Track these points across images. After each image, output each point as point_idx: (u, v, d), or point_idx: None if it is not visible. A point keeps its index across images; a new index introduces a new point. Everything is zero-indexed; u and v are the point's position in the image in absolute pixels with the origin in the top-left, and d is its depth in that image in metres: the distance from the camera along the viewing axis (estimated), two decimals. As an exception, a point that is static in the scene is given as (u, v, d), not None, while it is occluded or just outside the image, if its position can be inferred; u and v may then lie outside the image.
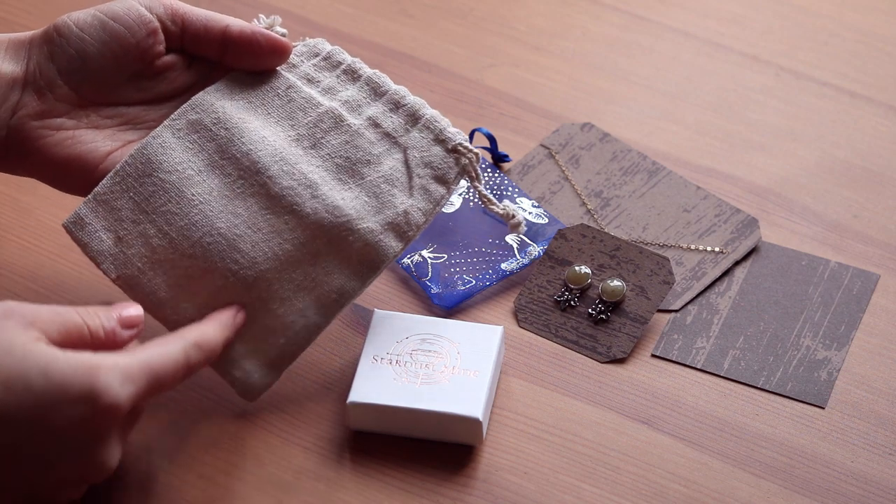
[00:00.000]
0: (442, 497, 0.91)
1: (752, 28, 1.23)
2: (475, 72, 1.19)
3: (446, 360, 0.94)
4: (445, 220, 1.05)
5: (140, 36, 0.94)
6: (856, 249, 1.06)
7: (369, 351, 0.94)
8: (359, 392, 0.92)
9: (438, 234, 1.05)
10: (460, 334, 0.95)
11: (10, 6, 1.22)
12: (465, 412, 0.91)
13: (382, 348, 0.94)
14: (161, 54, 0.96)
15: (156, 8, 0.95)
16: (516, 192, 1.08)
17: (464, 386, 0.92)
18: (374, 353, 0.94)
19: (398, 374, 0.93)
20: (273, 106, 0.97)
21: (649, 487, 0.92)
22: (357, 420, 0.93)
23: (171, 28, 0.95)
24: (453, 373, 0.93)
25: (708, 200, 1.09)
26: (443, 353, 0.94)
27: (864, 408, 0.97)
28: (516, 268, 1.03)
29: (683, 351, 1.00)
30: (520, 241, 1.04)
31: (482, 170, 1.09)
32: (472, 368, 0.93)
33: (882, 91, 1.18)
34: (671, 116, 1.16)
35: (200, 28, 0.95)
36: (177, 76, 0.97)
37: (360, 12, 1.23)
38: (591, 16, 1.24)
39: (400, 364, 0.94)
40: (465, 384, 0.92)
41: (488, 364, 0.94)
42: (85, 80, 0.94)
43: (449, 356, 0.94)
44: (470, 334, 0.95)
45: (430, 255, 1.04)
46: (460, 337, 0.95)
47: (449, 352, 0.94)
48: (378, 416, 0.92)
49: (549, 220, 1.06)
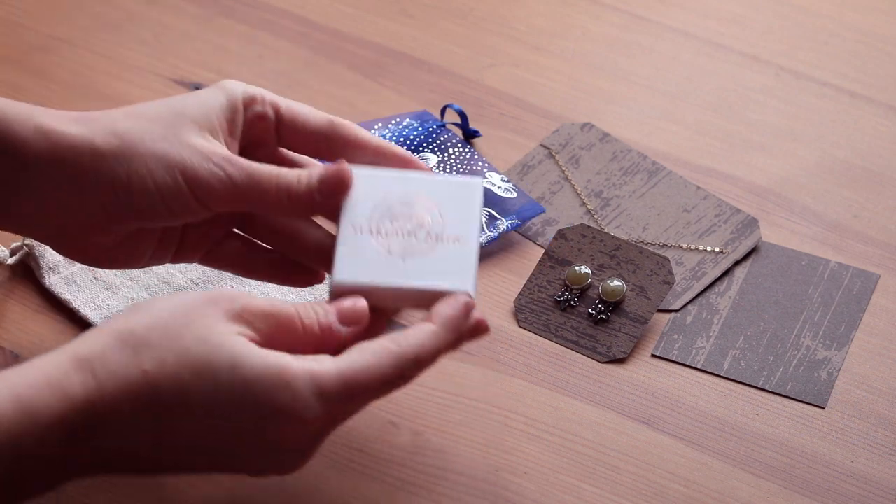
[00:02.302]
0: (442, 497, 0.91)
1: (752, 28, 1.23)
2: (475, 72, 1.19)
3: (428, 225, 0.87)
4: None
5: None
6: (856, 249, 1.06)
7: (347, 218, 0.87)
8: (343, 270, 0.85)
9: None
10: (439, 192, 0.89)
11: (10, 6, 1.22)
12: (456, 287, 0.85)
13: (361, 215, 0.87)
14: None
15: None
16: (486, 166, 1.09)
17: (451, 256, 0.86)
18: (352, 221, 0.87)
19: (381, 246, 0.86)
20: None
21: (649, 487, 0.92)
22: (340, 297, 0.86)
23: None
24: (437, 241, 0.87)
25: (708, 200, 1.09)
26: (424, 216, 0.88)
27: (864, 408, 0.97)
28: (485, 241, 1.04)
29: (683, 351, 1.00)
30: (488, 215, 1.05)
31: (453, 145, 1.10)
32: (455, 234, 0.87)
33: (882, 91, 1.18)
34: (671, 116, 1.16)
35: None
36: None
37: (360, 12, 1.23)
38: (591, 16, 1.24)
39: (381, 233, 0.87)
40: (451, 254, 0.86)
41: (473, 229, 0.87)
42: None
43: (431, 220, 0.88)
44: (449, 192, 0.89)
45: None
46: (439, 196, 0.88)
47: (431, 214, 0.88)
48: (365, 294, 0.85)
49: (519, 194, 1.07)
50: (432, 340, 0.81)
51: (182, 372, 0.76)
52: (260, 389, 0.77)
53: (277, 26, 1.22)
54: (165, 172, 0.85)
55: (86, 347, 0.77)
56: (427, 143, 1.11)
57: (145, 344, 0.77)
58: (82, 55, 1.18)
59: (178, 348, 0.77)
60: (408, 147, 1.10)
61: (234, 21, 1.22)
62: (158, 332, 0.77)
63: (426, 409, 0.96)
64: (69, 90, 1.15)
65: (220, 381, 0.76)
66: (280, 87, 1.16)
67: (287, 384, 0.77)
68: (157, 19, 1.21)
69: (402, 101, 1.16)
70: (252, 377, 0.77)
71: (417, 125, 1.11)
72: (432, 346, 0.81)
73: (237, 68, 1.18)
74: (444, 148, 1.10)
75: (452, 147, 1.10)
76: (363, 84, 1.18)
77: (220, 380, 0.76)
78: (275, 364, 0.77)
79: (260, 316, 0.80)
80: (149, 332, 0.77)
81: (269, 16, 1.22)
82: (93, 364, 0.76)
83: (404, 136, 1.11)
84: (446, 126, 1.12)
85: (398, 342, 0.80)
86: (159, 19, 1.21)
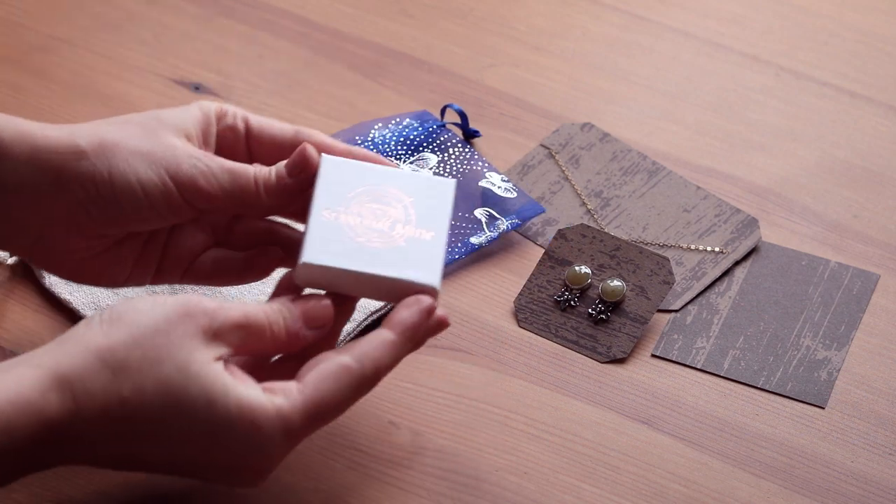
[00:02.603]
0: (442, 497, 0.91)
1: (752, 28, 1.23)
2: (475, 72, 1.19)
3: (399, 217, 0.89)
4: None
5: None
6: (856, 249, 1.06)
7: (319, 203, 0.88)
8: (312, 252, 0.86)
9: (408, 208, 1.06)
10: (413, 187, 0.90)
11: (10, 6, 1.22)
12: (423, 280, 0.86)
13: (333, 201, 0.88)
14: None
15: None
16: (486, 166, 1.09)
17: (419, 249, 0.87)
18: (325, 207, 0.88)
19: (351, 232, 0.87)
20: None
21: (649, 487, 0.92)
22: (306, 279, 0.87)
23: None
24: (407, 233, 0.88)
25: (708, 200, 1.09)
26: (396, 208, 0.89)
27: (864, 408, 0.97)
28: (485, 241, 1.04)
29: (683, 351, 1.00)
30: (488, 215, 1.05)
31: (453, 145, 1.10)
32: (425, 228, 0.88)
33: (882, 91, 1.18)
34: (671, 116, 1.16)
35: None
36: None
37: (360, 12, 1.23)
38: (591, 16, 1.24)
39: (352, 221, 0.88)
40: (420, 247, 0.87)
41: (443, 224, 0.89)
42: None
43: (403, 212, 0.89)
44: (423, 188, 0.90)
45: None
46: (413, 190, 0.90)
47: (403, 206, 0.89)
48: (330, 277, 0.86)
49: (519, 194, 1.07)
50: (391, 352, 0.84)
51: (159, 402, 0.79)
52: (233, 427, 0.80)
53: (277, 26, 1.22)
54: (149, 169, 0.87)
55: (66, 364, 0.79)
56: (427, 143, 1.11)
57: (125, 367, 0.79)
58: (82, 55, 1.18)
59: (158, 375, 0.79)
60: (408, 147, 1.10)
61: (234, 21, 1.22)
62: (138, 356, 0.80)
63: (426, 409, 0.96)
64: (69, 90, 1.15)
65: (195, 416, 0.79)
66: (280, 87, 1.16)
67: (259, 428, 0.80)
68: (157, 19, 1.21)
69: (402, 101, 1.16)
70: (226, 419, 0.80)
71: (417, 125, 1.11)
72: (391, 357, 0.84)
73: (237, 68, 1.18)
74: (444, 148, 1.10)
75: (452, 147, 1.10)
76: (363, 84, 1.18)
77: (196, 416, 0.79)
78: (248, 408, 0.80)
79: (233, 329, 0.82)
80: (129, 354, 0.79)
81: (269, 16, 1.22)
82: (73, 384, 0.79)
83: (404, 137, 1.11)
84: (446, 126, 1.12)
85: (359, 359, 0.83)
86: (159, 19, 1.21)
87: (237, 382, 0.80)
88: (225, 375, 0.80)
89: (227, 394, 0.80)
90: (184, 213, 0.88)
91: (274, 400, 0.81)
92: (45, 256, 0.90)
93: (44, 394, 0.78)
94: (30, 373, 0.78)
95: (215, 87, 1.17)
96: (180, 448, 0.80)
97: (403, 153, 1.10)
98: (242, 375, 0.82)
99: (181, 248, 0.92)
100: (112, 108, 1.14)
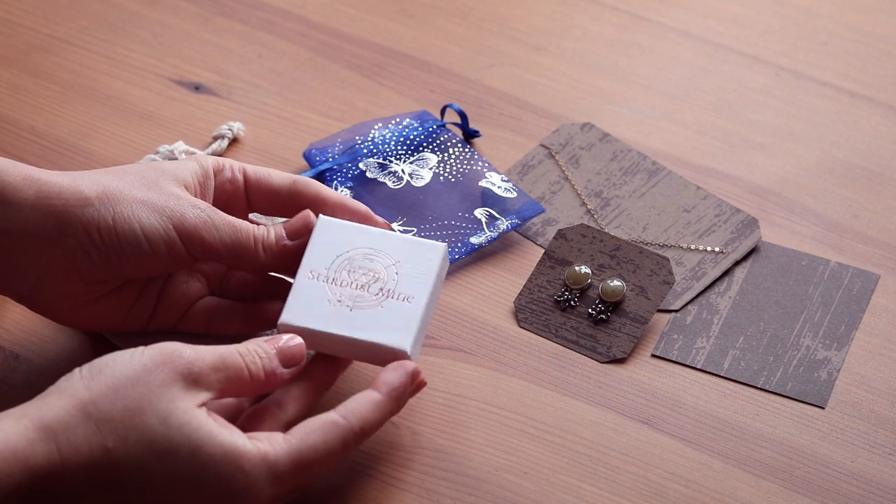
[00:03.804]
0: (442, 496, 0.91)
1: (752, 28, 1.23)
2: (475, 72, 1.19)
3: (383, 280, 0.92)
4: (416, 194, 1.07)
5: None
6: (856, 249, 1.06)
7: (308, 263, 0.92)
8: (291, 313, 0.90)
9: (408, 208, 1.06)
10: (402, 251, 0.93)
11: (10, 6, 1.22)
12: (394, 343, 0.90)
13: (321, 262, 0.92)
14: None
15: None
16: (486, 166, 1.09)
17: (397, 313, 0.90)
18: (311, 267, 0.92)
19: (332, 294, 0.91)
20: None
21: (649, 487, 0.92)
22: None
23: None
24: (388, 297, 0.91)
25: (708, 200, 1.09)
26: (381, 271, 0.92)
27: (864, 408, 0.97)
28: (485, 241, 1.05)
29: (683, 351, 1.00)
30: (488, 215, 1.05)
31: (453, 145, 1.10)
32: (407, 293, 0.91)
33: (882, 91, 1.18)
34: (671, 116, 1.16)
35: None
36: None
37: (360, 12, 1.23)
38: (591, 16, 1.24)
39: (336, 283, 0.91)
40: (398, 311, 0.91)
41: (425, 290, 0.92)
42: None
43: (387, 276, 0.92)
44: (411, 251, 0.93)
45: (400, 228, 1.05)
46: (401, 254, 0.93)
47: (388, 270, 0.92)
48: (308, 337, 0.90)
49: (519, 194, 1.07)
50: (377, 412, 0.86)
51: (144, 453, 0.80)
52: (218, 474, 0.81)
53: (277, 26, 1.22)
54: (152, 217, 0.89)
55: (50, 415, 0.80)
56: (427, 143, 1.11)
57: (108, 419, 0.80)
58: (82, 55, 1.18)
59: (141, 426, 0.81)
60: (408, 147, 1.10)
61: (234, 21, 1.22)
62: (120, 407, 0.81)
63: (426, 409, 0.96)
64: (69, 90, 1.16)
65: (180, 464, 0.81)
66: (280, 87, 1.16)
67: (244, 472, 0.81)
68: (157, 19, 1.21)
69: (402, 101, 1.16)
70: (211, 464, 0.81)
71: (417, 125, 1.11)
72: (377, 415, 0.87)
73: (237, 68, 1.18)
74: (444, 148, 1.10)
75: (452, 147, 1.11)
76: (363, 84, 1.18)
77: (181, 464, 0.81)
78: (232, 451, 0.81)
79: (211, 371, 0.83)
80: (111, 406, 0.81)
81: (269, 16, 1.22)
82: (57, 436, 0.80)
83: (404, 136, 1.11)
84: (446, 126, 1.12)
85: (346, 416, 0.85)
86: (159, 19, 1.21)
87: (221, 428, 0.82)
88: (209, 422, 0.82)
89: (211, 439, 0.81)
90: (184, 261, 0.91)
91: (258, 445, 0.82)
92: (42, 301, 0.92)
93: (30, 443, 0.79)
94: (14, 424, 0.80)
95: (215, 87, 1.17)
96: (166, 496, 0.81)
97: (403, 153, 1.10)
98: (226, 423, 0.83)
99: (176, 294, 0.94)
100: (112, 108, 1.14)
